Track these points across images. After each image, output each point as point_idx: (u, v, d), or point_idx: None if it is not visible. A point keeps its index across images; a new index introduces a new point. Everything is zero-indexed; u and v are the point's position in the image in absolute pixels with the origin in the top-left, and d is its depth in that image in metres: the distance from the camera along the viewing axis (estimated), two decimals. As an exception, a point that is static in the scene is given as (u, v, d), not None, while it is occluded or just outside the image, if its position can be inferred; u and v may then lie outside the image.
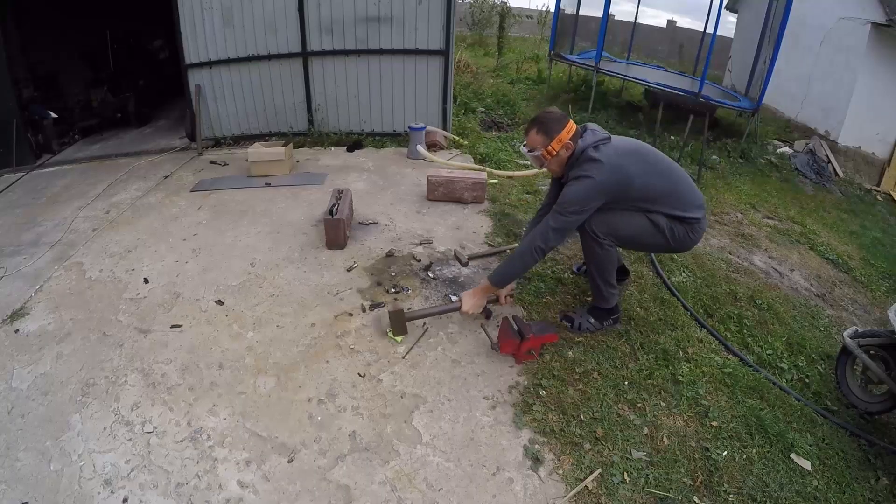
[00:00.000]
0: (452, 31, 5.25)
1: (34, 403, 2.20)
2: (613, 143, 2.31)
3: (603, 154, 2.24)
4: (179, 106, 6.72)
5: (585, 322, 2.67)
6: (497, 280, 2.48)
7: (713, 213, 4.67)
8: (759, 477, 2.01)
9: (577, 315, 2.71)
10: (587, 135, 2.32)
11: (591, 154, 2.24)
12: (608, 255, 2.49)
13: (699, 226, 2.45)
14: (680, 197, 2.38)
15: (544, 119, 2.32)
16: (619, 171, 2.24)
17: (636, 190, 2.30)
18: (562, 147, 2.30)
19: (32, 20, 5.68)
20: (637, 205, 2.36)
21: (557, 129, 2.28)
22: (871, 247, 5.09)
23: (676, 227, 2.41)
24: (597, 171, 2.21)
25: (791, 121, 8.78)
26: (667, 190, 2.35)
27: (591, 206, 2.27)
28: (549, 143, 2.29)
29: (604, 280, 2.57)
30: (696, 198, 2.43)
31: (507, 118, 6.91)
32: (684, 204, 2.38)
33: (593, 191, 2.24)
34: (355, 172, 4.75)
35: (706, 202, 4.81)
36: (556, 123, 2.29)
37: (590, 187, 2.23)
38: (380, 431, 2.10)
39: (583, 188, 2.24)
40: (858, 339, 2.48)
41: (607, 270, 2.55)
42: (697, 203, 2.42)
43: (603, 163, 2.21)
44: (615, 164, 2.23)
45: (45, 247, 3.47)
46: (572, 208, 2.26)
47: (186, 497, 1.83)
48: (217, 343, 2.56)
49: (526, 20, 15.10)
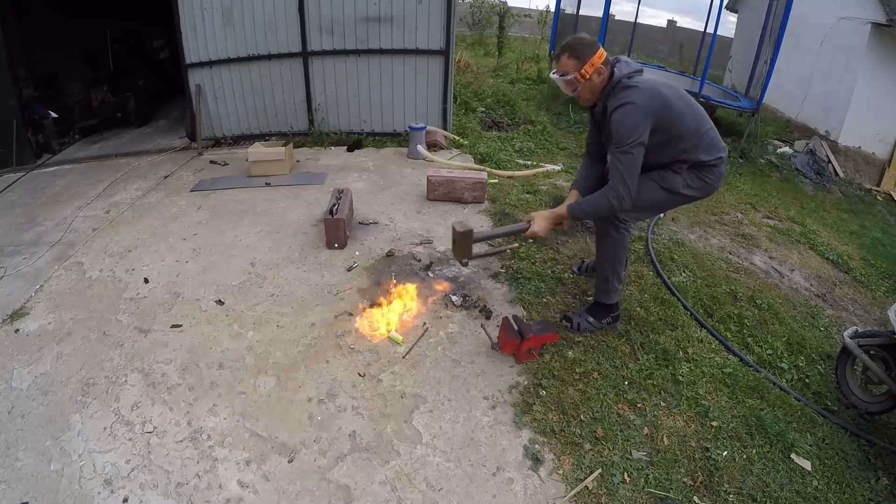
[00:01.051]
0: (452, 30, 5.25)
1: (34, 403, 2.20)
2: (646, 74, 2.30)
3: (639, 81, 2.22)
4: (179, 106, 6.72)
5: (584, 322, 2.67)
6: (575, 212, 2.37)
7: (713, 213, 4.67)
8: (759, 477, 2.01)
9: (577, 315, 2.70)
10: (621, 65, 2.29)
11: (628, 82, 2.22)
12: (622, 240, 2.49)
13: (721, 167, 2.43)
14: (703, 136, 2.36)
15: (575, 44, 2.27)
16: (658, 95, 2.22)
17: (674, 116, 2.25)
18: (594, 72, 2.25)
19: (33, 20, 5.68)
20: (669, 148, 2.30)
21: (589, 54, 2.23)
22: (871, 247, 5.09)
23: (693, 180, 2.40)
24: (636, 95, 2.17)
25: (791, 121, 8.78)
26: (694, 126, 2.32)
27: (643, 135, 2.18)
28: (582, 66, 2.24)
29: (613, 269, 2.56)
30: (719, 140, 2.43)
31: (508, 118, 6.90)
32: (709, 143, 2.37)
33: (639, 115, 2.16)
34: (355, 172, 4.75)
35: (707, 202, 4.84)
36: (588, 48, 2.25)
37: (635, 112, 2.16)
38: (380, 431, 2.10)
39: (629, 115, 2.17)
40: (858, 339, 2.48)
41: (619, 258, 2.54)
42: (721, 145, 2.42)
43: (641, 88, 2.19)
44: (652, 90, 2.21)
45: (45, 246, 3.48)
46: (628, 141, 2.17)
47: (186, 497, 1.83)
48: (217, 343, 2.56)
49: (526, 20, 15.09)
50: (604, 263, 2.58)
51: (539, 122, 6.79)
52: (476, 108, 7.05)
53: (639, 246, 3.66)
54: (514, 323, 2.47)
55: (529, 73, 10.17)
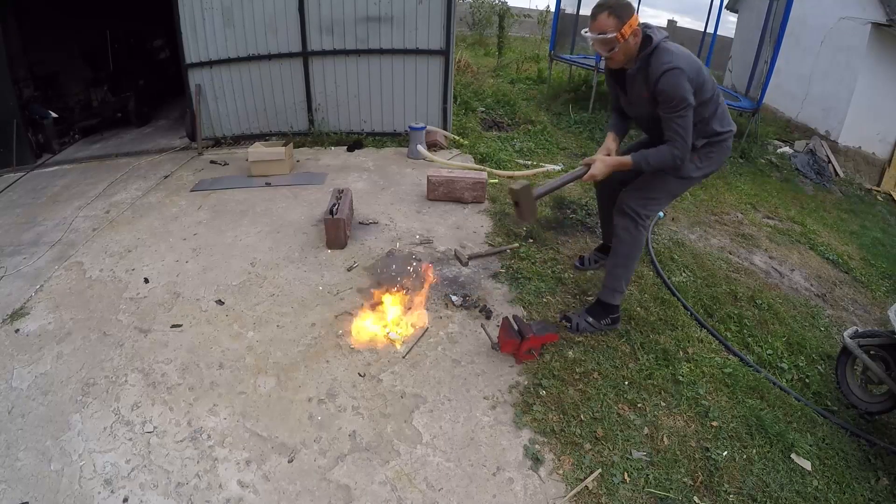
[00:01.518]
0: (453, 30, 5.25)
1: (34, 403, 2.20)
2: None
3: (674, 46, 2.25)
4: (179, 105, 6.72)
5: (584, 322, 2.67)
6: (640, 163, 2.38)
7: (713, 213, 4.67)
8: (760, 477, 2.01)
9: (577, 315, 2.71)
10: (654, 30, 2.29)
11: (666, 46, 2.22)
12: (640, 239, 2.53)
13: (729, 142, 2.52)
14: (719, 104, 2.41)
15: (615, 3, 2.21)
16: (694, 60, 2.25)
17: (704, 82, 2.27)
18: (632, 33, 2.22)
19: (33, 20, 5.68)
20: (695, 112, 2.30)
21: (628, 15, 2.19)
22: (871, 247, 5.09)
23: (702, 160, 2.46)
24: (679, 60, 2.18)
25: (791, 121, 8.78)
26: (714, 94, 2.34)
27: (690, 96, 2.20)
28: (622, 26, 2.19)
29: (625, 268, 2.59)
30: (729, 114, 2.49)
31: (508, 118, 6.90)
32: (723, 114, 2.43)
33: (684, 79, 2.18)
34: (355, 172, 4.75)
35: (707, 202, 4.84)
36: (627, 9, 2.21)
37: (682, 76, 2.17)
38: (380, 431, 2.10)
39: (679, 79, 2.17)
40: (858, 339, 2.48)
41: (633, 257, 2.57)
42: (731, 119, 2.49)
43: (679, 52, 2.22)
44: (688, 54, 2.25)
45: (46, 246, 3.48)
46: (682, 105, 2.20)
47: (187, 497, 1.83)
48: (217, 343, 2.56)
49: (526, 20, 15.09)
50: (617, 260, 2.59)
51: (539, 121, 6.79)
52: (476, 108, 7.05)
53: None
54: (514, 323, 2.47)
55: (529, 73, 10.17)
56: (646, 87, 2.29)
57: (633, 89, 2.39)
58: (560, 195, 4.30)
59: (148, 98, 6.89)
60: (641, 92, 2.33)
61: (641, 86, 2.31)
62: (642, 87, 2.31)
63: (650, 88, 2.25)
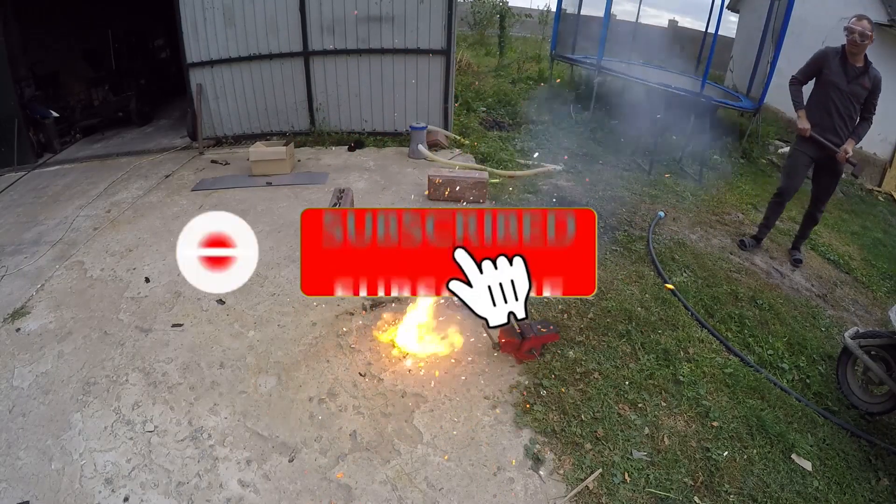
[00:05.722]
0: (454, 30, 5.25)
1: (35, 402, 2.21)
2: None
3: None
4: (181, 105, 6.71)
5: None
6: (861, 138, 3.71)
7: (714, 213, 4.67)
8: (760, 477, 2.01)
9: None
10: None
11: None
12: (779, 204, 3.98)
13: None
14: None
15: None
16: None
17: None
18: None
19: (34, 19, 5.68)
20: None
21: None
22: (872, 247, 5.08)
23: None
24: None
25: (793, 121, 8.76)
26: None
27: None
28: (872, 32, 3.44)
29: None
30: None
31: (509, 118, 6.90)
32: None
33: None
34: (356, 172, 4.75)
35: (708, 202, 4.83)
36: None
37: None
38: (381, 431, 2.10)
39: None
40: (859, 339, 2.48)
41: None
42: None
43: None
44: None
45: (47, 246, 3.48)
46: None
47: (187, 496, 1.83)
48: (218, 342, 2.56)
49: (527, 20, 15.07)
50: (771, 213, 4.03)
51: (540, 121, 6.79)
52: (477, 108, 7.04)
53: (640, 246, 3.66)
54: (514, 323, 2.47)
55: (531, 73, 10.16)
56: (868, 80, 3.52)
57: (851, 79, 3.60)
58: (561, 195, 4.31)
59: (149, 97, 6.90)
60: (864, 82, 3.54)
61: (859, 78, 3.54)
62: (860, 78, 3.54)
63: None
